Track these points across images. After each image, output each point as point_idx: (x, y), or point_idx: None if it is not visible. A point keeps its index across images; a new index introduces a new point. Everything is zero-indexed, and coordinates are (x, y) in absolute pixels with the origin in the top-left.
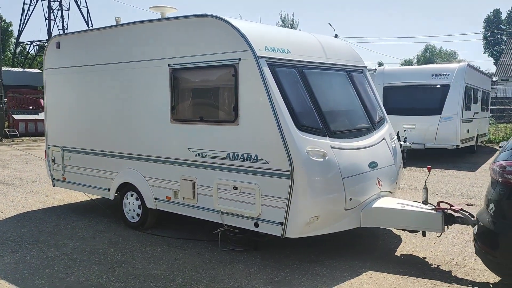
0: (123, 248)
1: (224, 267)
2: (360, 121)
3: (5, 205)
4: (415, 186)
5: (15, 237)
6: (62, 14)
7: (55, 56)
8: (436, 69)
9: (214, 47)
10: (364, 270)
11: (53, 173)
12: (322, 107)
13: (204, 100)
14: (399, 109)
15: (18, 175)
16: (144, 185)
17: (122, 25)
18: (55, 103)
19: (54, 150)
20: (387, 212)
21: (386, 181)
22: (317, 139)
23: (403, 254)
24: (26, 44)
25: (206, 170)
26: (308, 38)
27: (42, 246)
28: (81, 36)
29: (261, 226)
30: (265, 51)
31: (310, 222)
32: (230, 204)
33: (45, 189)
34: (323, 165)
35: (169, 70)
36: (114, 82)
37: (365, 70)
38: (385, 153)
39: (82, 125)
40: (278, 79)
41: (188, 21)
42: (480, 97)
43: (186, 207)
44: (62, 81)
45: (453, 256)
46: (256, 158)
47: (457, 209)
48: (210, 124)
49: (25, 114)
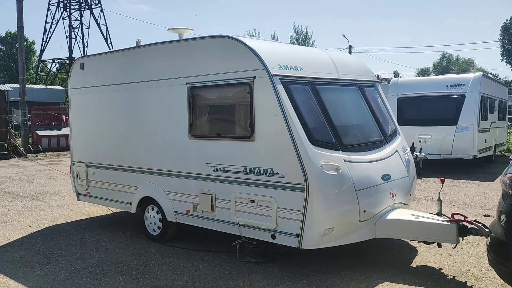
0: (146, 260)
1: (243, 278)
2: (373, 135)
3: (32, 219)
4: (431, 197)
5: (44, 250)
6: (82, 32)
7: (80, 77)
8: (451, 79)
9: (230, 66)
10: (380, 281)
11: (77, 188)
12: (335, 122)
13: (220, 116)
14: (414, 120)
15: (43, 190)
16: (164, 199)
17: (142, 46)
18: (80, 121)
19: (78, 166)
20: (401, 224)
21: (400, 193)
22: (331, 153)
23: (419, 266)
24: (48, 61)
25: (224, 184)
26: (320, 55)
27: (69, 259)
28: (104, 57)
29: (278, 238)
30: (278, 69)
31: (325, 234)
32: (248, 217)
33: (69, 203)
34: (336, 178)
35: (187, 88)
36: (135, 100)
37: (376, 84)
38: (398, 166)
39: (105, 142)
40: (292, 96)
41: (205, 41)
42: (497, 107)
43: (205, 220)
44: (86, 100)
45: (469, 267)
46: (272, 172)
47: (471, 220)
48: (227, 139)
49: (48, 130)
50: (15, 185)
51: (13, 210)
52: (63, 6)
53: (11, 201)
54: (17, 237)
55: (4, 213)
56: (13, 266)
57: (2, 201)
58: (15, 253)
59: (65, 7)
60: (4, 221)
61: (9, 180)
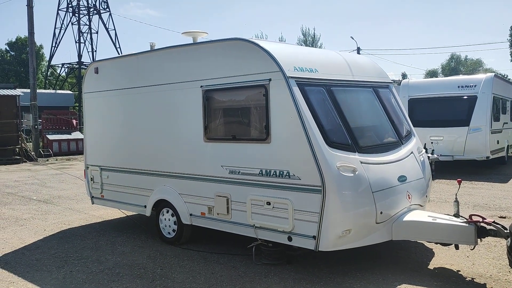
0: (162, 262)
1: (259, 281)
2: (388, 136)
3: (47, 223)
4: (444, 198)
5: (60, 253)
6: (91, 37)
7: (94, 81)
8: (462, 80)
9: (245, 69)
10: (397, 284)
11: (92, 191)
12: (351, 124)
13: (236, 119)
14: (425, 121)
15: (56, 194)
16: (179, 202)
17: (156, 50)
18: (94, 125)
19: (92, 170)
20: (418, 225)
21: (416, 194)
22: (347, 155)
23: (436, 268)
24: (57, 66)
25: (239, 187)
26: (334, 56)
27: (86, 262)
28: (118, 61)
29: (295, 240)
30: (294, 71)
31: (343, 236)
32: (264, 219)
33: (83, 207)
34: (353, 180)
35: (201, 91)
36: (149, 103)
37: (390, 85)
38: (414, 167)
39: (119, 145)
40: (308, 97)
41: (220, 44)
42: (509, 107)
43: (221, 222)
44: (100, 104)
45: (487, 269)
46: (288, 174)
47: (490, 221)
48: (242, 142)
49: (59, 134)
50: (28, 189)
51: (28, 213)
52: (72, 12)
53: (25, 205)
54: (32, 240)
55: (18, 216)
56: (31, 269)
57: (16, 205)
58: (31, 256)
59: (74, 12)
60: (19, 225)
61: (21, 184)
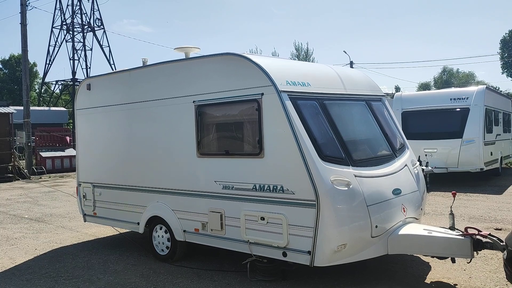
0: (155, 281)
1: None
2: (382, 149)
3: (38, 242)
4: (440, 211)
5: (50, 273)
6: (85, 54)
7: (86, 97)
8: (454, 93)
9: (237, 84)
10: None
11: (84, 209)
12: (344, 137)
13: (229, 134)
14: (419, 133)
15: (48, 212)
16: (173, 218)
17: (148, 65)
18: (86, 142)
19: (85, 187)
20: (414, 239)
21: (411, 207)
22: (341, 169)
23: (433, 281)
24: (51, 83)
25: (233, 202)
26: (326, 70)
27: (77, 281)
28: (110, 78)
29: (289, 256)
30: (286, 85)
31: (338, 250)
32: (258, 235)
33: (75, 225)
34: (347, 194)
35: (194, 106)
36: (141, 119)
37: (383, 98)
38: (408, 180)
39: (112, 162)
40: (300, 111)
41: (212, 59)
42: (502, 119)
43: (215, 238)
44: (92, 121)
45: (485, 282)
46: (282, 189)
47: (486, 234)
48: (235, 157)
49: (52, 151)
50: (19, 207)
51: (19, 232)
52: (66, 29)
53: (16, 223)
54: (23, 260)
55: (9, 236)
56: None
57: (7, 224)
58: (21, 276)
59: (68, 30)
60: (10, 244)
61: (13, 202)
